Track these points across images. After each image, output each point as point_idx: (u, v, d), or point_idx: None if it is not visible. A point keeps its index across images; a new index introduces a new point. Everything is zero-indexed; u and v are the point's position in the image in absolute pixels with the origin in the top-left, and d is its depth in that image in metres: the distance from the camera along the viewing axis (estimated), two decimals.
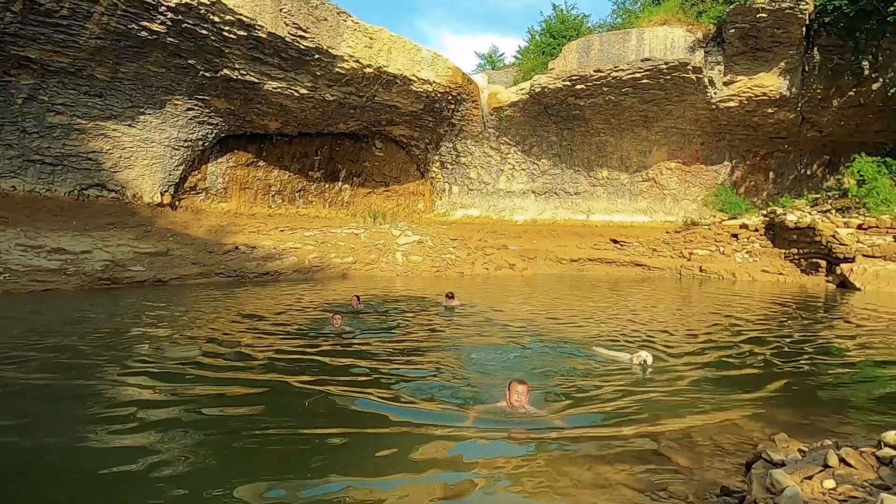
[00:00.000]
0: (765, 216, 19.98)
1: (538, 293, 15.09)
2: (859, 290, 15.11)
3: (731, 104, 19.65)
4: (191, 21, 14.26)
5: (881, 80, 18.11)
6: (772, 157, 22.18)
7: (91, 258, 13.89)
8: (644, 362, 6.17)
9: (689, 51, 18.38)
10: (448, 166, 24.47)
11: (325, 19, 16.26)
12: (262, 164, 21.41)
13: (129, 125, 16.57)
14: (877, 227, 16.48)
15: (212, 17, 14.28)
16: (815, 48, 18.14)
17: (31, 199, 15.31)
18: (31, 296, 11.72)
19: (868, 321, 10.25)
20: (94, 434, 4.16)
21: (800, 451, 2.99)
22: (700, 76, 18.83)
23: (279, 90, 17.47)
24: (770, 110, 19.78)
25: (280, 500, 3.27)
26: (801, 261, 17.89)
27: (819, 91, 18.88)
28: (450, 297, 11.63)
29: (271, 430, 4.29)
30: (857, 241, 16.39)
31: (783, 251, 18.61)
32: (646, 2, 23.41)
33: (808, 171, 21.97)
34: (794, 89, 18.88)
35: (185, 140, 18.07)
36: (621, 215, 23.30)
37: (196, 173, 19.59)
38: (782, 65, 18.45)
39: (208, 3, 13.95)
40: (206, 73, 16.15)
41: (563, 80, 19.93)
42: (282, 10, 15.27)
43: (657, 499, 3.24)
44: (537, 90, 20.63)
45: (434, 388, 5.56)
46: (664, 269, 19.80)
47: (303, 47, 16.10)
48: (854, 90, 18.64)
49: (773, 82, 18.85)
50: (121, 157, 16.88)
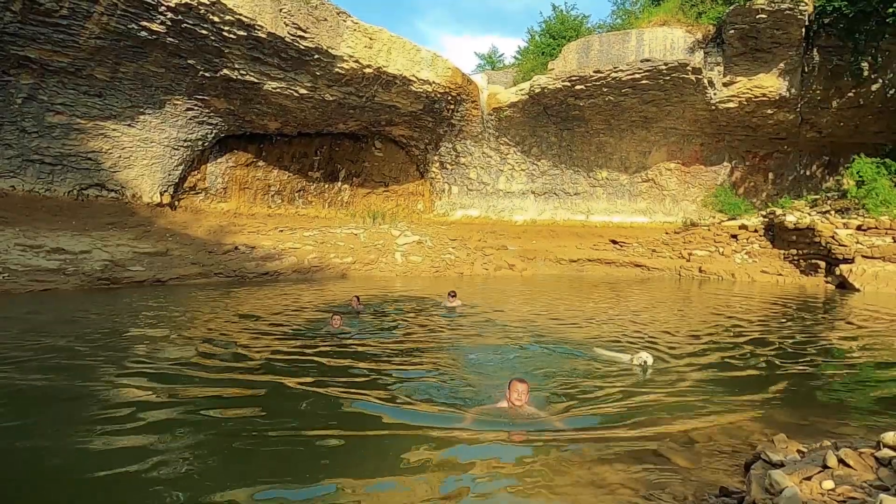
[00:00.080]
0: (764, 217, 19.99)
1: (538, 294, 15.09)
2: (858, 290, 15.12)
3: (731, 105, 19.67)
4: (190, 21, 14.27)
5: (880, 81, 18.12)
6: (771, 158, 22.19)
7: (90, 258, 13.88)
8: (644, 363, 6.18)
9: (689, 52, 18.39)
10: (448, 167, 24.47)
11: (325, 19, 16.27)
12: (261, 164, 21.41)
13: (129, 125, 16.57)
14: (876, 228, 16.49)
15: (211, 17, 14.28)
16: (815, 49, 18.15)
17: (30, 199, 15.31)
18: (30, 296, 11.71)
19: (867, 322, 10.25)
20: (92, 435, 4.15)
21: (799, 451, 2.99)
22: (700, 77, 18.84)
23: (279, 90, 17.47)
24: (769, 111, 19.80)
25: (278, 502, 3.27)
26: (801, 262, 17.90)
27: (818, 92, 18.89)
28: (452, 295, 11.63)
29: (269, 432, 4.28)
30: (857, 242, 16.41)
31: (782, 252, 18.62)
32: (645, 2, 23.43)
33: (808, 172, 21.98)
34: (793, 90, 18.90)
35: (185, 140, 18.07)
36: (621, 216, 23.31)
37: (195, 173, 19.59)
38: (782, 66, 18.47)
39: (208, 3, 13.96)
40: (206, 73, 16.15)
41: (563, 81, 19.94)
42: (281, 10, 15.27)
43: (656, 499, 3.24)
44: (537, 91, 20.64)
45: (434, 390, 5.53)
46: (663, 270, 19.80)
47: (302, 47, 16.10)
48: (853, 91, 18.65)
49: (772, 83, 18.87)
50: (120, 156, 16.87)
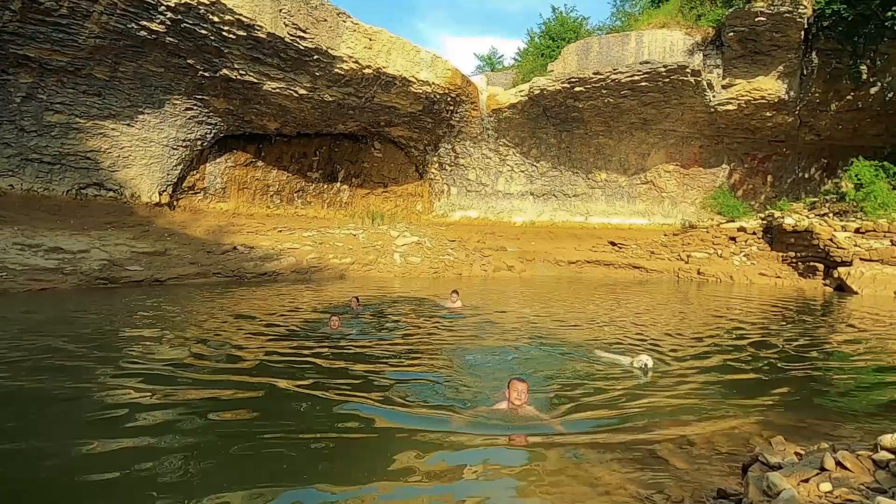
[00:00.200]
0: (763, 219, 20.01)
1: (537, 295, 15.09)
2: (857, 293, 15.14)
3: (730, 107, 19.70)
4: (190, 21, 14.26)
5: (879, 84, 18.16)
6: (770, 161, 22.23)
7: (89, 258, 13.85)
8: (645, 365, 6.17)
9: (688, 54, 18.42)
10: (447, 167, 24.48)
11: (325, 20, 16.27)
12: (260, 164, 21.40)
13: (128, 124, 16.55)
14: (874, 230, 16.52)
15: (211, 16, 14.28)
16: (814, 52, 18.20)
17: (28, 198, 15.29)
18: (28, 295, 11.68)
19: (865, 325, 10.27)
20: (86, 438, 4.10)
21: (796, 454, 2.99)
22: (699, 79, 18.86)
23: (278, 90, 17.47)
24: (768, 114, 19.83)
25: None
26: (799, 264, 17.92)
27: (817, 95, 18.93)
28: (454, 293, 11.63)
29: (267, 435, 4.23)
30: (855, 245, 16.44)
31: (781, 254, 18.64)
32: (645, 4, 23.48)
33: (806, 175, 22.02)
34: (792, 93, 18.94)
35: (184, 140, 18.05)
36: (619, 217, 23.32)
37: (194, 173, 19.57)
38: (781, 68, 18.50)
39: (208, 2, 13.96)
40: (206, 73, 16.15)
41: (562, 83, 19.96)
42: (281, 10, 15.28)
43: (654, 501, 3.24)
44: (536, 92, 20.66)
45: (433, 392, 5.50)
46: (662, 272, 19.81)
47: (302, 48, 16.10)
48: (852, 94, 18.70)
49: (771, 86, 18.90)
50: (119, 156, 16.86)
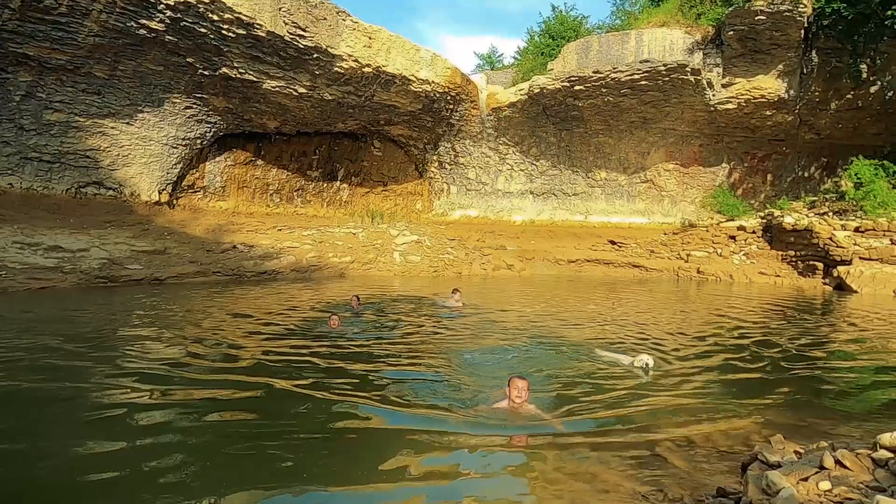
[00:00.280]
0: (762, 218, 20.02)
1: (537, 294, 15.09)
2: (856, 292, 15.15)
3: (730, 106, 19.69)
4: (189, 19, 14.25)
5: (879, 83, 18.15)
6: (770, 160, 22.22)
7: (88, 256, 13.85)
8: (646, 365, 6.16)
9: (688, 52, 18.41)
10: (446, 166, 24.47)
11: (324, 18, 16.25)
12: (260, 163, 21.39)
13: (128, 123, 16.54)
14: (874, 229, 16.53)
15: (210, 15, 14.27)
16: (814, 51, 18.18)
17: (28, 197, 15.28)
18: (28, 294, 11.68)
19: (866, 324, 10.27)
20: (86, 439, 4.08)
21: (796, 452, 2.99)
22: (699, 78, 18.86)
23: (278, 89, 17.46)
24: (768, 112, 19.82)
25: None
26: (799, 263, 17.92)
27: (817, 94, 18.92)
28: (455, 293, 11.66)
29: (266, 435, 4.21)
30: (855, 244, 16.44)
31: (780, 253, 18.65)
32: (645, 3, 23.46)
33: (806, 174, 22.01)
34: (792, 92, 18.93)
35: (184, 138, 18.04)
36: (619, 216, 23.32)
37: (194, 172, 19.56)
38: (781, 67, 18.49)
39: (207, 1, 13.94)
40: (205, 72, 16.13)
41: (562, 81, 19.95)
42: (281, 8, 15.26)
43: (654, 500, 3.24)
44: (536, 91, 20.65)
45: (433, 391, 5.48)
46: (661, 271, 19.81)
47: (302, 46, 16.09)
48: (852, 93, 18.68)
49: (771, 85, 18.89)
50: (119, 155, 16.85)
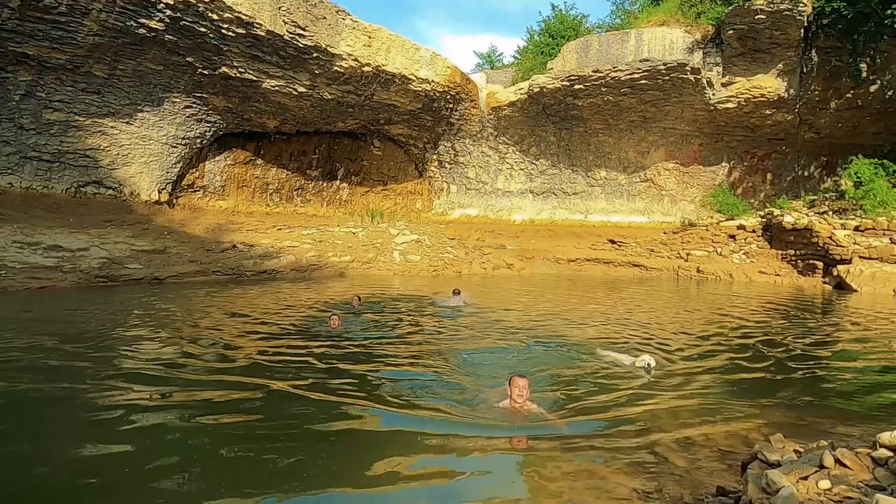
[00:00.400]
0: (762, 217, 20.03)
1: (537, 293, 15.08)
2: (856, 291, 15.16)
3: (730, 105, 19.69)
4: (189, 18, 14.24)
5: (879, 82, 18.15)
6: (769, 159, 22.23)
7: (88, 256, 13.84)
8: (648, 365, 6.15)
9: (688, 52, 18.40)
10: (446, 165, 24.46)
11: (324, 18, 16.24)
12: (260, 162, 21.38)
13: (127, 122, 16.53)
14: (873, 228, 16.53)
15: (210, 14, 14.25)
16: (814, 50, 18.18)
17: (27, 196, 15.28)
18: (28, 293, 11.67)
19: (868, 322, 10.27)
20: (83, 441, 4.04)
21: (795, 451, 2.99)
22: (698, 77, 18.85)
23: (277, 88, 17.45)
24: (768, 112, 19.82)
25: None
26: (798, 262, 17.93)
27: (817, 93, 18.92)
28: (455, 293, 11.68)
29: (264, 437, 4.17)
30: (854, 243, 16.45)
31: (780, 252, 18.65)
32: (645, 2, 23.46)
33: (806, 173, 22.02)
34: (792, 91, 18.93)
35: (183, 138, 18.03)
36: (619, 216, 23.33)
37: (194, 171, 19.56)
38: (780, 66, 18.49)
39: (207, 0, 13.93)
40: (205, 71, 16.12)
41: (562, 80, 19.95)
42: (280, 8, 15.25)
43: (653, 499, 3.24)
44: (536, 90, 20.64)
45: (434, 392, 5.45)
46: (661, 270, 19.82)
47: (301, 45, 16.08)
48: (852, 92, 18.69)
49: (771, 84, 18.89)
50: (118, 154, 16.84)
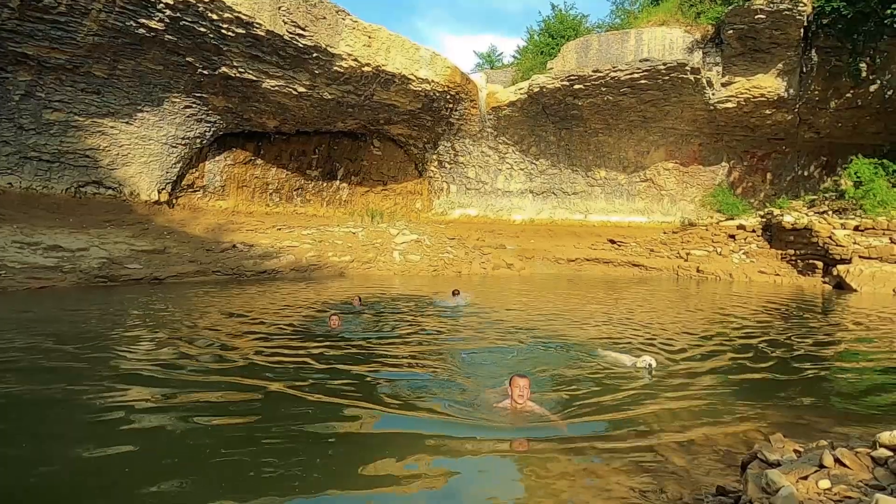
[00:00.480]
0: (762, 217, 20.03)
1: (537, 293, 15.08)
2: (856, 291, 15.16)
3: (729, 105, 19.69)
4: (189, 18, 14.23)
5: (879, 81, 18.15)
6: (769, 158, 22.23)
7: (88, 256, 13.84)
8: (649, 366, 6.14)
9: (688, 51, 18.40)
10: (446, 165, 24.46)
11: (324, 18, 16.24)
12: (259, 162, 21.38)
13: (127, 122, 16.53)
14: (873, 228, 16.53)
15: (210, 14, 14.25)
16: (813, 50, 18.18)
17: (27, 196, 15.28)
18: (27, 293, 11.67)
19: (867, 322, 10.27)
20: (79, 442, 4.01)
21: (795, 451, 2.99)
22: (698, 77, 18.85)
23: (277, 88, 17.45)
24: (768, 111, 19.82)
25: None
26: (798, 262, 17.93)
27: (817, 92, 18.92)
28: (455, 294, 11.71)
29: (263, 439, 4.14)
30: (854, 243, 16.44)
31: (780, 252, 18.65)
32: (644, 2, 23.45)
33: (806, 173, 22.02)
34: (791, 91, 18.93)
35: (183, 138, 18.03)
36: (619, 215, 23.33)
37: (194, 171, 19.56)
38: (780, 66, 18.49)
39: (207, 0, 13.93)
40: (205, 71, 16.12)
41: (562, 80, 19.95)
42: (280, 7, 15.24)
43: (653, 499, 3.24)
44: (536, 90, 20.64)
45: (434, 393, 5.42)
46: (661, 270, 19.82)
47: (301, 45, 16.08)
48: (852, 92, 18.69)
49: (771, 84, 18.89)
50: (118, 154, 16.84)
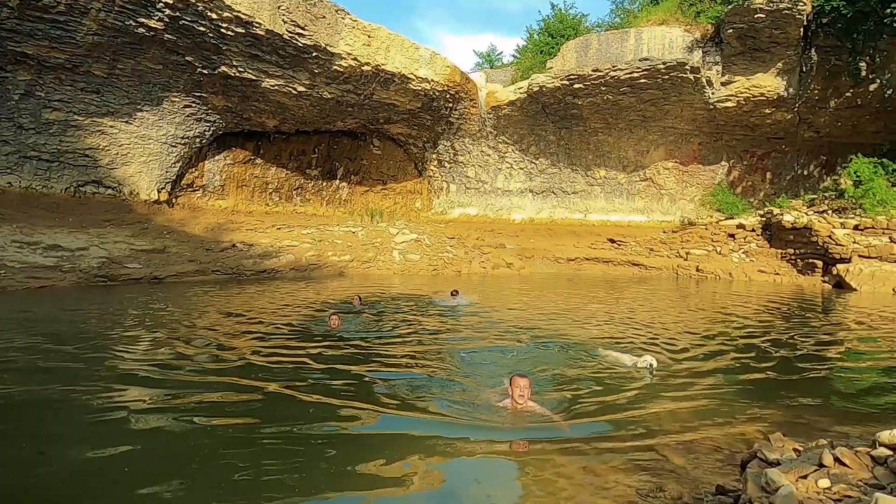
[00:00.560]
0: (762, 216, 20.04)
1: (537, 292, 15.08)
2: (855, 290, 15.17)
3: (729, 104, 19.69)
4: (188, 18, 14.22)
5: (878, 81, 18.15)
6: (769, 158, 22.23)
7: (87, 255, 13.84)
8: (650, 366, 6.14)
9: (687, 51, 18.40)
10: (446, 165, 24.46)
11: (323, 17, 16.23)
12: (259, 161, 21.37)
13: (127, 122, 16.52)
14: (873, 227, 16.54)
15: (209, 13, 14.24)
16: (813, 49, 18.18)
17: (27, 196, 15.27)
18: (27, 293, 11.67)
19: (869, 322, 10.28)
20: (78, 443, 3.99)
21: (795, 450, 2.99)
22: (698, 76, 18.85)
23: (277, 88, 17.43)
24: (767, 111, 19.82)
25: None
26: (798, 261, 17.94)
27: (816, 92, 18.92)
28: (454, 294, 11.73)
29: (263, 440, 4.12)
30: (854, 242, 16.45)
31: (780, 251, 18.66)
32: (644, 1, 23.44)
33: (805, 172, 22.02)
34: (791, 90, 18.92)
35: (183, 137, 18.02)
36: (618, 215, 23.33)
37: (193, 171, 19.55)
38: (780, 65, 18.48)
39: None
40: (204, 71, 16.10)
41: (562, 80, 19.94)
42: (280, 7, 15.23)
43: (653, 497, 3.25)
44: (535, 89, 20.63)
45: (434, 393, 5.41)
46: (661, 269, 19.83)
47: (301, 45, 16.06)
48: (851, 91, 18.69)
49: (770, 83, 18.89)
50: (118, 153, 16.83)
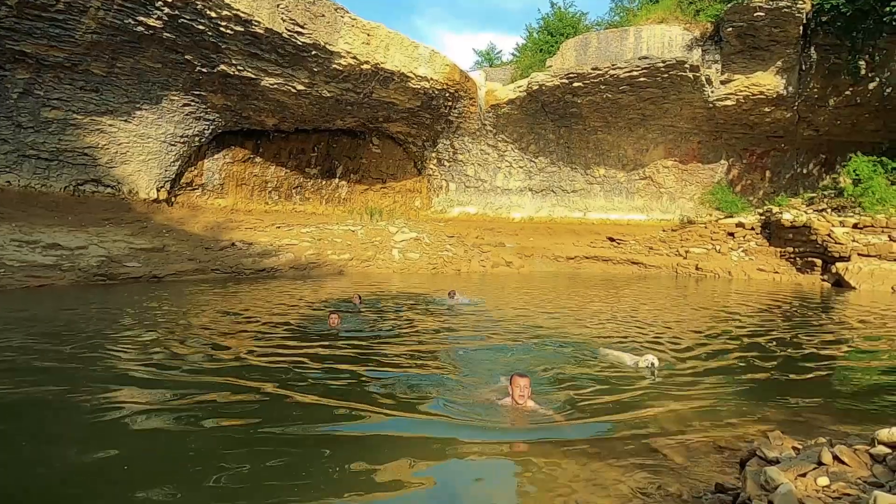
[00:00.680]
0: (761, 215, 20.05)
1: (537, 291, 15.09)
2: (854, 288, 15.20)
3: (729, 103, 19.69)
4: (187, 16, 14.20)
5: (878, 79, 18.16)
6: (768, 156, 22.24)
7: (87, 254, 13.83)
8: (652, 365, 6.14)
9: (687, 49, 18.39)
10: (445, 163, 24.45)
11: (323, 15, 16.21)
12: (258, 160, 21.36)
13: (126, 120, 16.50)
14: (872, 226, 16.56)
15: (209, 12, 14.22)
16: (813, 47, 18.18)
17: (26, 195, 15.26)
18: (26, 292, 11.66)
19: (864, 319, 10.30)
20: (78, 443, 3.96)
21: (794, 448, 2.99)
22: (697, 75, 18.85)
23: (276, 86, 17.42)
24: (767, 109, 19.82)
25: None
26: (797, 259, 17.96)
27: (816, 90, 18.93)
28: (452, 294, 11.72)
29: (262, 441, 4.09)
30: (853, 240, 16.48)
31: (779, 250, 18.68)
32: (643, 0, 23.42)
33: (805, 170, 22.04)
34: (791, 88, 18.93)
35: (182, 136, 18.00)
36: (618, 213, 23.34)
37: (192, 169, 19.53)
38: (779, 64, 18.48)
39: None
40: (203, 69, 16.09)
41: (561, 78, 19.93)
42: (279, 5, 15.21)
43: (652, 496, 3.25)
44: (535, 88, 20.62)
45: (433, 393, 5.38)
46: (660, 268, 19.84)
47: (300, 43, 16.05)
48: (851, 89, 18.70)
49: (770, 81, 18.89)
50: (117, 152, 16.81)
